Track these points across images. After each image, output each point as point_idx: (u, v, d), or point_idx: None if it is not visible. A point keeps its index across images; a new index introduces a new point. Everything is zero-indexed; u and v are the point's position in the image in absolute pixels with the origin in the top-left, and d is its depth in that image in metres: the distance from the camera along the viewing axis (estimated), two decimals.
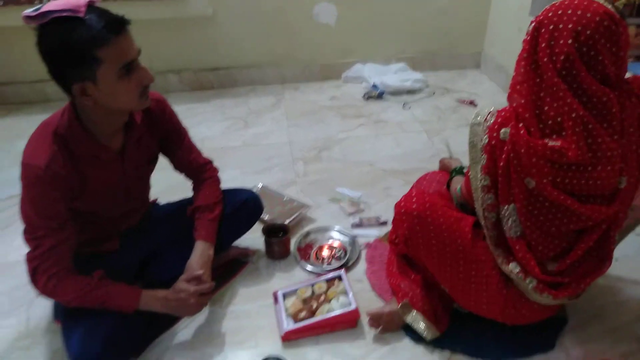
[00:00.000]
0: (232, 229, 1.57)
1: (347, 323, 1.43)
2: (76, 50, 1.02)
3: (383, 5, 2.85)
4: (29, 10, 1.02)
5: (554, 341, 1.38)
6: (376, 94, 2.76)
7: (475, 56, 3.11)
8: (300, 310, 1.44)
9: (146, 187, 1.50)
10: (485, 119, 1.11)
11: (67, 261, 1.21)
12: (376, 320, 1.40)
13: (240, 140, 2.40)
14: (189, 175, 1.54)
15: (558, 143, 1.01)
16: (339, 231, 1.78)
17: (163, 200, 1.65)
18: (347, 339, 1.41)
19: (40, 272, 1.17)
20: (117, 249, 1.42)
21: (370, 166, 2.19)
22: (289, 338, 1.40)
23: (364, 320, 1.43)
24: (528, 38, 1.05)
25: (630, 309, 1.49)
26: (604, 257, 1.15)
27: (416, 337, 1.38)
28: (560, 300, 1.18)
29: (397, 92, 2.80)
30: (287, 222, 1.75)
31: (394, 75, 2.87)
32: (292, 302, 1.47)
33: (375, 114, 2.63)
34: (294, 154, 2.29)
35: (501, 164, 1.08)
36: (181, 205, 1.57)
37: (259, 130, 2.51)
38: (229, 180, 2.06)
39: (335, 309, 1.42)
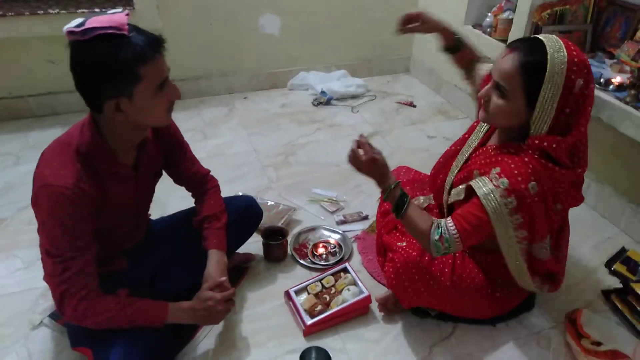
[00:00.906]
0: (237, 235, 1.60)
1: (361, 310, 1.54)
2: (120, 66, 1.03)
3: (324, 17, 3.01)
4: (72, 25, 1.01)
5: (533, 301, 1.62)
6: (325, 100, 2.90)
7: (405, 61, 3.39)
8: (315, 305, 1.52)
9: (151, 201, 1.49)
10: (495, 185, 1.17)
11: (96, 282, 1.18)
12: (385, 304, 1.54)
13: (204, 152, 2.40)
14: (191, 186, 1.55)
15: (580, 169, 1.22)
16: (328, 229, 1.88)
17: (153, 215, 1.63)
18: (362, 325, 1.52)
19: (70, 296, 1.13)
20: (126, 267, 1.39)
21: (337, 167, 2.32)
22: (311, 331, 1.48)
23: (373, 305, 1.56)
24: None
25: (585, 266, 1.79)
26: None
27: (422, 314, 1.53)
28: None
29: (342, 98, 2.97)
30: (278, 224, 1.82)
31: (338, 81, 3.04)
32: (306, 298, 1.55)
33: (327, 118, 2.77)
34: (262, 161, 2.35)
35: (537, 212, 1.18)
36: (179, 219, 1.58)
37: (219, 140, 2.52)
38: None
39: (348, 298, 1.52)
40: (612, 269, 1.74)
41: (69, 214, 1.11)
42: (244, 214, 1.60)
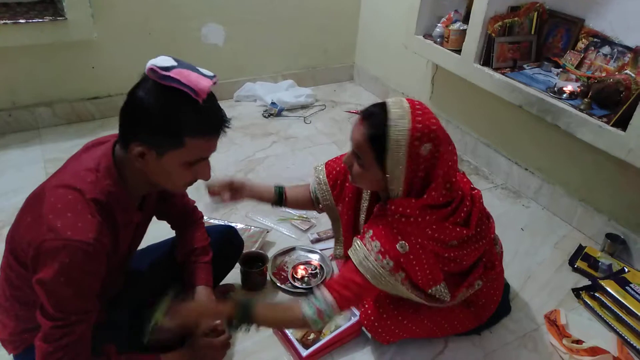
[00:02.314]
0: (219, 268, 1.49)
1: (354, 334, 1.50)
2: (173, 125, 0.94)
3: (268, 25, 2.92)
4: (159, 64, 0.92)
5: (509, 305, 1.67)
6: (276, 111, 2.82)
7: (348, 69, 3.40)
8: (307, 333, 1.45)
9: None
10: (369, 249, 1.20)
11: (90, 348, 1.05)
12: None
13: None
14: (178, 220, 1.42)
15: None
16: (304, 249, 1.82)
17: None
18: (356, 349, 1.48)
19: None
20: (105, 318, 1.23)
21: (301, 181, 2.24)
22: None
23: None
24: None
25: (549, 265, 1.88)
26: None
27: None
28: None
29: (292, 108, 2.91)
30: (253, 250, 1.73)
31: (286, 92, 2.97)
32: None
33: (282, 130, 2.70)
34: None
35: (420, 265, 1.21)
36: (154, 255, 1.44)
37: None
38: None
39: (341, 323, 1.47)
40: (575, 266, 1.85)
41: (87, 273, 0.97)
42: (226, 244, 1.50)
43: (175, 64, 0.95)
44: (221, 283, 1.59)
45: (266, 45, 2.98)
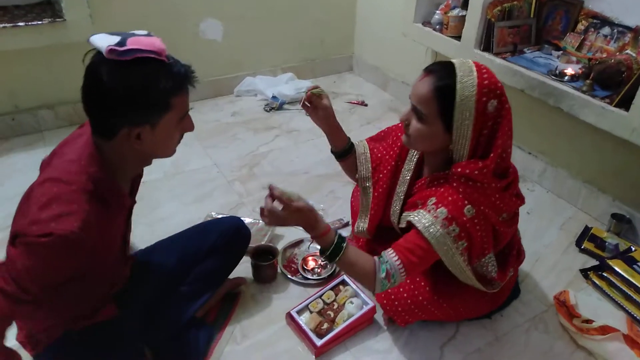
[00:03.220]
0: (227, 260, 1.52)
1: (367, 322, 1.51)
2: (156, 94, 0.95)
3: (264, 19, 2.91)
4: (112, 43, 0.90)
5: (519, 288, 1.69)
6: (277, 105, 2.82)
7: (347, 60, 3.39)
8: (320, 323, 1.47)
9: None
10: (435, 216, 1.18)
11: None
12: None
13: (161, 172, 2.22)
14: None
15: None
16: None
17: None
18: (370, 336, 1.50)
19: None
20: (115, 314, 1.25)
21: (306, 174, 2.26)
22: (322, 352, 1.42)
23: (377, 314, 1.54)
24: None
25: (556, 247, 1.90)
26: None
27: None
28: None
29: (293, 101, 2.91)
30: (262, 243, 1.74)
31: (286, 85, 2.97)
32: (309, 318, 1.49)
33: (284, 124, 2.70)
34: (226, 175, 2.23)
35: (480, 232, 1.21)
36: (163, 249, 1.46)
37: (174, 157, 2.34)
38: (173, 214, 1.96)
39: (353, 312, 1.49)
40: (582, 247, 1.87)
41: (67, 263, 0.98)
42: (233, 236, 1.51)
43: (118, 37, 0.94)
44: (231, 276, 1.60)
45: (264, 39, 2.98)
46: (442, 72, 1.17)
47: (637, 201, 1.90)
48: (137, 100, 0.95)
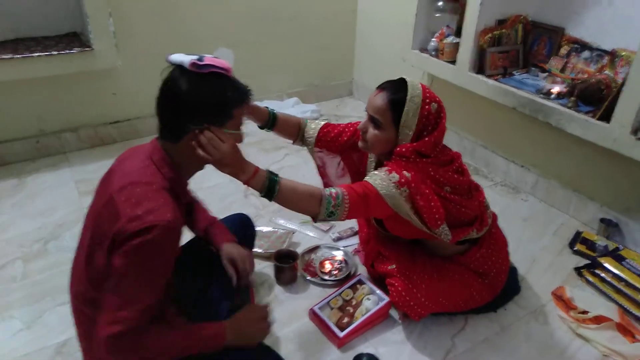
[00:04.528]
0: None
1: (384, 316, 1.65)
2: (222, 102, 1.14)
3: (271, 47, 3.14)
4: (194, 58, 1.10)
5: (519, 285, 1.84)
6: None
7: (347, 85, 3.62)
8: (341, 317, 1.61)
9: None
10: (385, 177, 1.40)
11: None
12: None
13: None
14: (188, 207, 1.56)
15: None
16: (328, 246, 1.98)
17: None
18: (387, 329, 1.63)
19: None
20: (176, 313, 1.34)
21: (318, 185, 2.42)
22: (344, 343, 1.55)
23: (393, 312, 1.68)
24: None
25: (551, 250, 2.06)
26: None
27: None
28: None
29: None
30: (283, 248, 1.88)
31: (293, 108, 3.17)
32: (331, 313, 1.63)
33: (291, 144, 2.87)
34: (243, 190, 2.38)
35: (425, 195, 1.42)
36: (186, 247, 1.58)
37: (195, 175, 2.50)
38: None
39: (371, 307, 1.63)
40: (575, 249, 2.03)
41: (167, 253, 1.10)
42: (244, 229, 1.67)
43: (196, 55, 1.13)
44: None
45: (270, 65, 3.20)
46: (394, 87, 1.45)
47: (623, 206, 2.08)
48: (208, 106, 1.13)
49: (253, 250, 1.83)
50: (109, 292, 1.08)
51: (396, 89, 1.44)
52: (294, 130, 1.72)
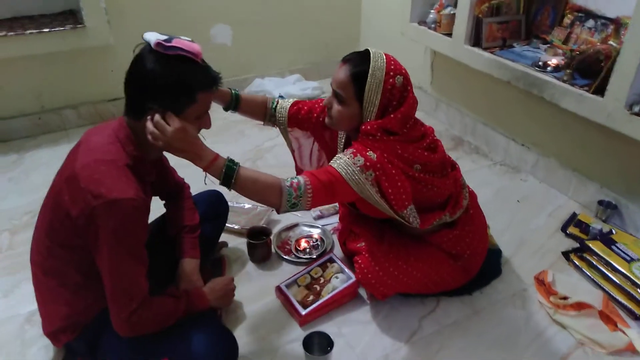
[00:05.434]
0: (214, 226, 1.69)
1: (351, 295, 1.62)
2: (186, 86, 1.12)
3: (272, 23, 3.09)
4: (160, 38, 1.09)
5: (500, 268, 1.77)
6: None
7: None
8: (307, 295, 1.59)
9: None
10: (350, 160, 1.33)
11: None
12: None
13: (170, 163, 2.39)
14: (170, 195, 1.58)
15: None
16: (307, 224, 1.95)
17: None
18: (353, 309, 1.60)
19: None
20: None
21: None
22: (307, 321, 1.54)
23: (361, 290, 1.64)
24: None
25: (542, 233, 1.96)
26: None
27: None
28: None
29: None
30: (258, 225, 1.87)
31: (294, 85, 3.12)
32: (297, 290, 1.61)
33: None
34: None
35: (392, 177, 1.35)
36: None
37: None
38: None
39: (338, 285, 1.60)
40: (567, 232, 1.92)
41: (138, 225, 1.14)
42: (217, 205, 1.70)
43: (166, 36, 1.11)
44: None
45: (271, 42, 3.15)
46: (357, 60, 1.36)
47: (623, 187, 1.95)
48: (170, 87, 1.11)
49: (228, 226, 1.85)
50: (108, 282, 1.14)
51: (359, 61, 1.35)
52: (260, 110, 1.66)
